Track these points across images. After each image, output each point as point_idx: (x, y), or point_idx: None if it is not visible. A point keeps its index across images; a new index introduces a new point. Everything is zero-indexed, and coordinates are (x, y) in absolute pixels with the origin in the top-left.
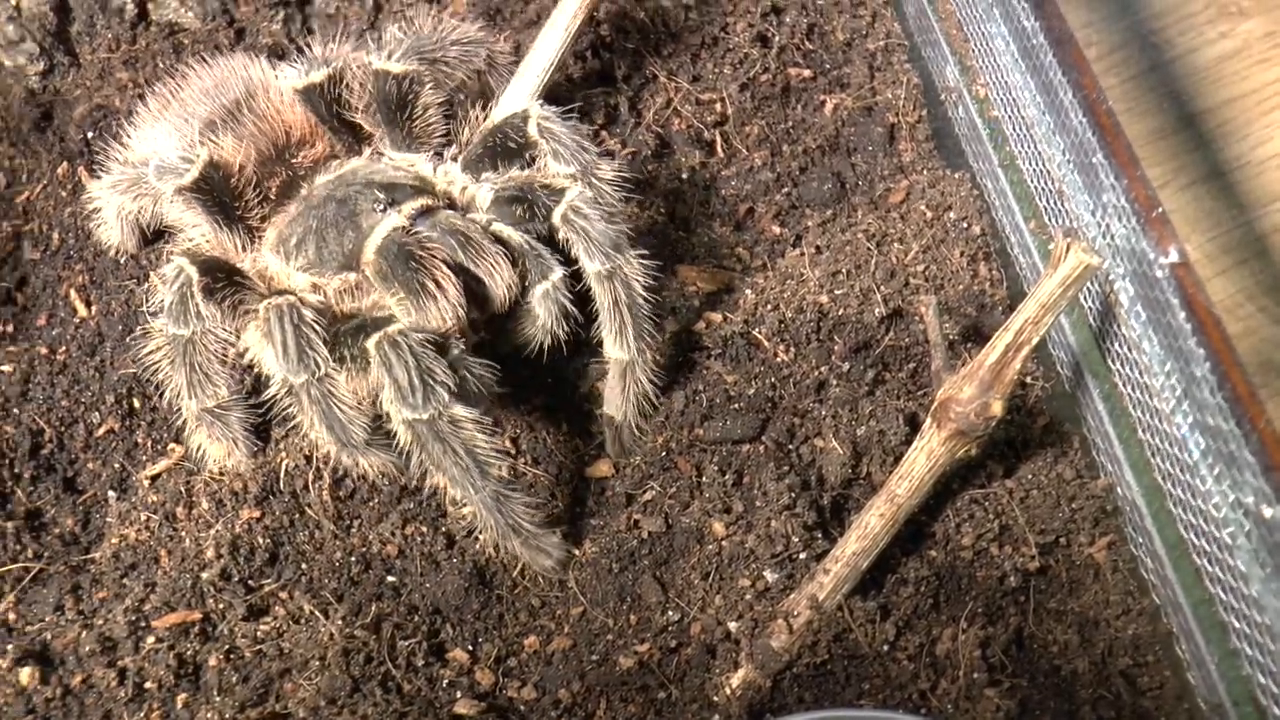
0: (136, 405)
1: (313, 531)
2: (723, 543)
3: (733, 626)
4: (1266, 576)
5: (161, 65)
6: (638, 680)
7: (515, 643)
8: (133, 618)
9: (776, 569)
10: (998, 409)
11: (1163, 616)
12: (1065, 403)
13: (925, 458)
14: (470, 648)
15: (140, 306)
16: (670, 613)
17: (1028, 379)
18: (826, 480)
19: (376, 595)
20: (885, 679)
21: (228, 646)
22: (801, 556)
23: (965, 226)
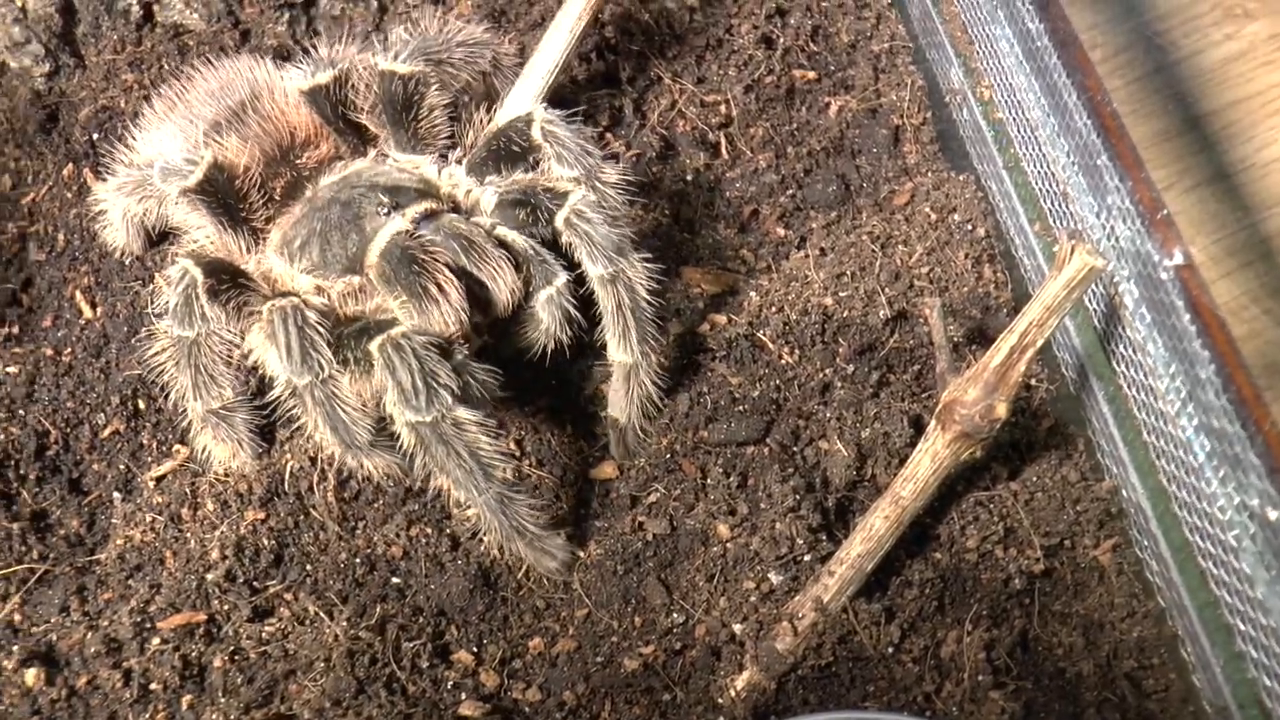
0: (141, 407)
1: (317, 533)
2: (727, 545)
3: (737, 629)
4: (1271, 579)
5: (166, 67)
6: (642, 682)
7: (520, 644)
8: (138, 619)
9: (781, 571)
10: (1002, 411)
11: (1168, 619)
12: (1070, 405)
13: (930, 460)
14: (475, 649)
15: (145, 308)
16: (675, 615)
17: (1032, 381)
18: (831, 482)
19: (381, 597)
20: (890, 681)
21: (233, 648)
22: (806, 559)
23: (970, 229)
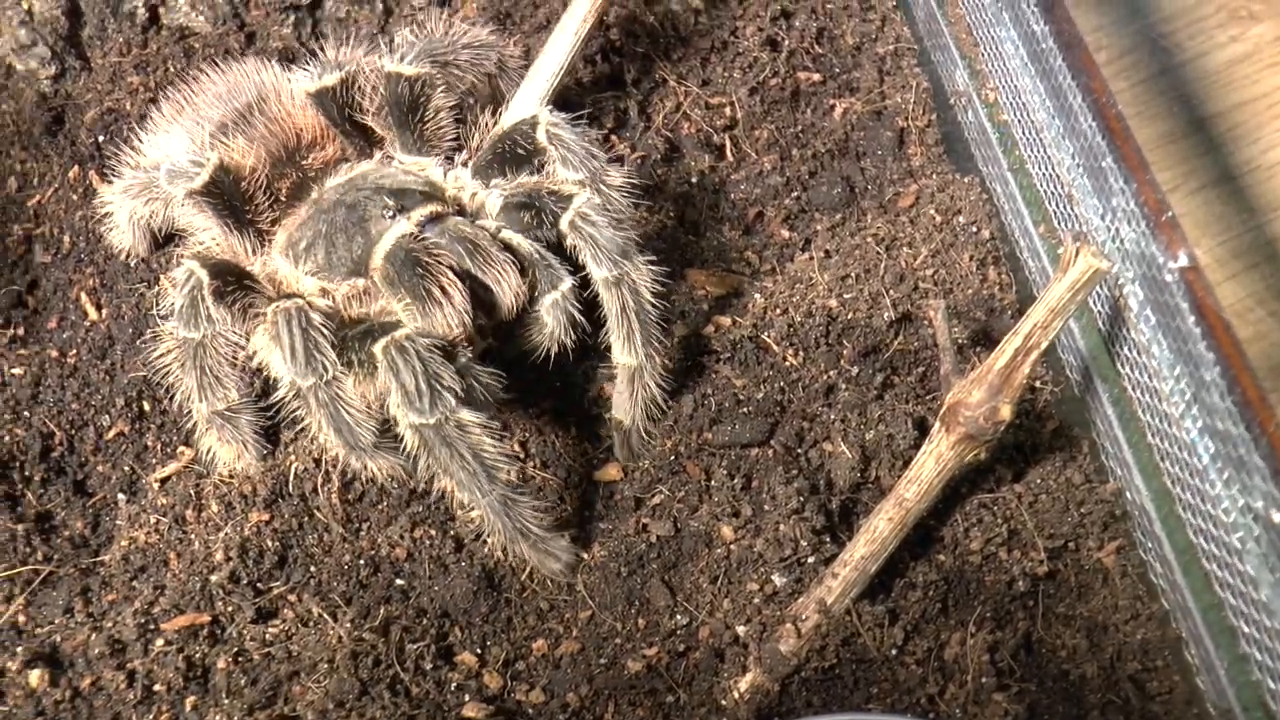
0: (146, 408)
1: (322, 534)
2: (731, 546)
3: (741, 630)
4: (1276, 581)
5: (172, 69)
6: (646, 684)
7: (523, 646)
8: (142, 620)
9: (785, 573)
10: (1006, 413)
11: (1172, 621)
12: (1074, 407)
13: (934, 462)
14: (478, 651)
15: (151, 310)
16: (678, 616)
17: (1037, 383)
18: (835, 484)
19: (385, 598)
20: (893, 683)
21: (236, 649)
22: (810, 560)
23: (974, 231)
